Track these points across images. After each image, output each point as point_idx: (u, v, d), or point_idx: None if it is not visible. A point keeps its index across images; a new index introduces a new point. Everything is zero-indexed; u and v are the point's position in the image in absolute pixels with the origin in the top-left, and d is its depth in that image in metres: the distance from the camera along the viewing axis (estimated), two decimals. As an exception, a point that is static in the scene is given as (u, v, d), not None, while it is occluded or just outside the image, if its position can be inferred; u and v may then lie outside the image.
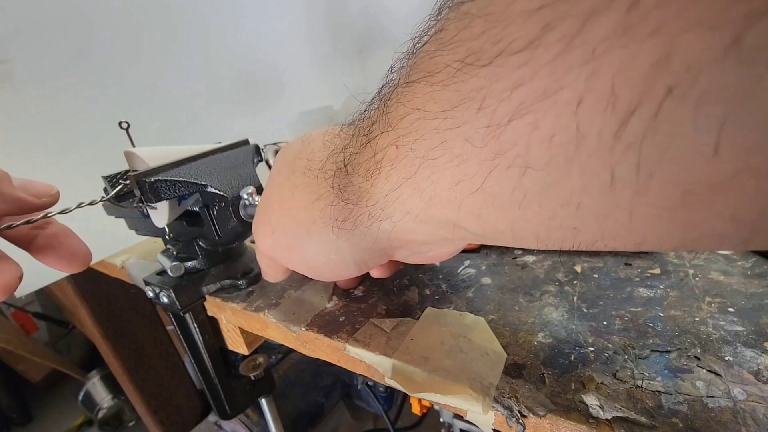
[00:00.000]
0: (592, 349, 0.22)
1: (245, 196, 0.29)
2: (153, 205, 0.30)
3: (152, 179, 0.28)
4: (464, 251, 0.35)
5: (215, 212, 0.30)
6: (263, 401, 0.46)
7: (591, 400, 0.19)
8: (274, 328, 0.30)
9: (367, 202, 0.18)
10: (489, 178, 0.13)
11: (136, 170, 0.29)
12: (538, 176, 0.11)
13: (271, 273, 0.28)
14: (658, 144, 0.09)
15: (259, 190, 0.30)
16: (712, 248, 0.12)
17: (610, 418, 0.18)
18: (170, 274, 0.32)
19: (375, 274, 0.29)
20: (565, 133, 0.10)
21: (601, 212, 0.11)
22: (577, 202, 0.11)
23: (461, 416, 0.22)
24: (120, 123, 0.33)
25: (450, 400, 0.21)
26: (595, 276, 0.29)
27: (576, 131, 0.10)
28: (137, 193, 0.28)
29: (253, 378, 0.39)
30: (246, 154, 0.34)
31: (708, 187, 0.09)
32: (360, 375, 0.49)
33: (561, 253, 0.33)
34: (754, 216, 0.09)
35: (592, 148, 0.10)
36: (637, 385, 0.20)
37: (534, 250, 0.34)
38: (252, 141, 0.35)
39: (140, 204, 0.29)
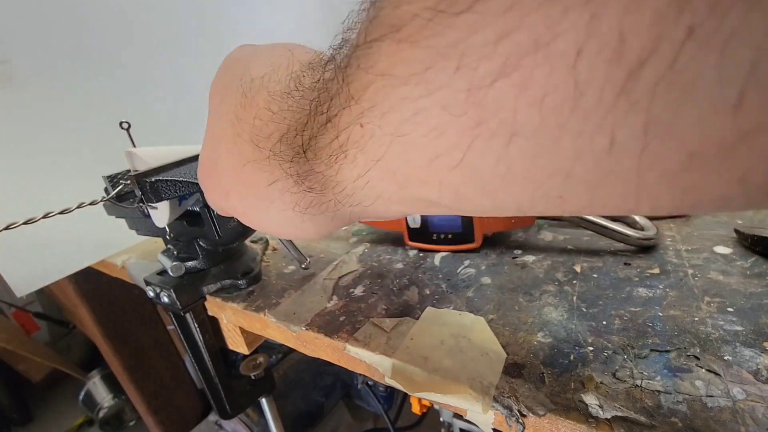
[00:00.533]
0: (591, 348, 0.22)
1: None
2: (153, 205, 0.30)
3: (153, 179, 0.28)
4: (464, 251, 0.35)
5: (215, 212, 0.30)
6: (263, 401, 0.46)
7: (590, 399, 0.19)
8: (274, 328, 0.30)
9: (334, 189, 0.16)
10: (470, 151, 0.11)
11: (136, 170, 0.29)
12: (526, 145, 0.10)
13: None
14: (672, 100, 0.08)
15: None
16: (712, 211, 0.11)
17: (609, 417, 0.18)
18: (171, 273, 0.32)
19: None
20: (559, 92, 0.09)
21: (593, 181, 0.10)
22: (567, 171, 0.10)
23: (461, 416, 0.22)
24: (121, 123, 0.33)
25: (450, 400, 0.21)
26: (595, 276, 0.29)
27: (573, 90, 0.09)
28: (138, 193, 0.28)
29: (253, 377, 0.39)
30: (246, 154, 0.34)
31: (718, 148, 0.08)
32: (360, 375, 0.49)
33: (561, 252, 0.33)
34: (767, 177, 0.08)
35: (590, 108, 0.09)
36: (637, 385, 0.20)
37: (534, 249, 0.34)
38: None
39: (141, 204, 0.29)
